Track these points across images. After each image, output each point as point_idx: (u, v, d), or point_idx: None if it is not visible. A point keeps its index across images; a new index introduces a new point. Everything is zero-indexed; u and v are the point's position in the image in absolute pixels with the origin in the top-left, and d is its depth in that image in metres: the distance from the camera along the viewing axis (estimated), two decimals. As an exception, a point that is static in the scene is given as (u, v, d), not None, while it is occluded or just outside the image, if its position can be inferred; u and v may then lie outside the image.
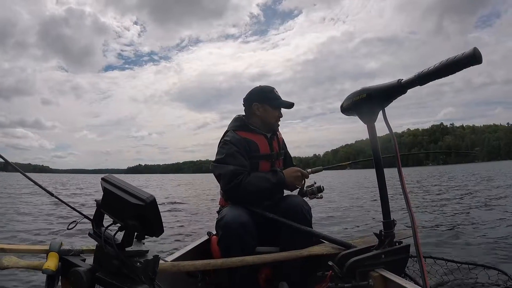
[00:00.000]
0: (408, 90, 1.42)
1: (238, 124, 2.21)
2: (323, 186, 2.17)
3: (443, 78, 1.27)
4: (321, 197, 2.17)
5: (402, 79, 1.40)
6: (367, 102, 1.54)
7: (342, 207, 8.83)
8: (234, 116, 2.30)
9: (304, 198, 2.17)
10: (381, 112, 1.47)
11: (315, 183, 2.19)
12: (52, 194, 1.45)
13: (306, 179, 2.19)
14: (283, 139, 2.40)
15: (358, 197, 12.01)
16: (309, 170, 2.20)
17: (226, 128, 2.24)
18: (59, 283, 1.02)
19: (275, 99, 2.21)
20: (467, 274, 2.33)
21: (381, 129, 1.60)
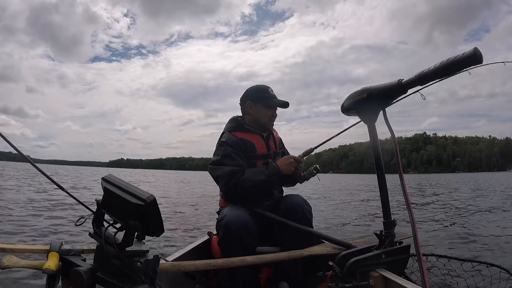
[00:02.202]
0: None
1: (234, 125, 2.20)
2: (319, 166, 2.17)
3: (444, 78, 1.27)
4: (320, 171, 2.17)
5: (403, 79, 1.40)
6: (367, 102, 1.54)
7: (342, 208, 8.84)
8: (220, 114, 2.30)
9: (305, 182, 2.18)
10: (381, 112, 1.47)
11: (315, 165, 2.18)
12: (62, 188, 1.45)
13: (300, 164, 2.17)
14: (281, 138, 2.39)
15: (355, 199, 12.04)
16: (300, 154, 2.17)
17: (212, 126, 2.26)
18: (60, 283, 1.02)
19: (268, 98, 2.18)
20: (469, 271, 2.32)
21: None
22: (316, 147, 2.23)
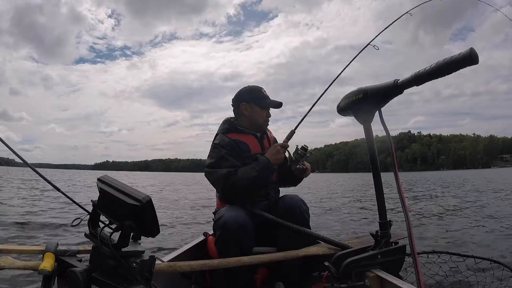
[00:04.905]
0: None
1: (227, 127, 2.20)
2: (305, 145, 2.07)
3: (439, 78, 1.27)
4: (307, 148, 2.07)
5: (399, 79, 1.40)
6: (363, 102, 1.54)
7: (337, 208, 8.87)
8: (205, 115, 2.28)
9: (299, 165, 2.10)
10: (377, 112, 1.47)
11: (297, 146, 2.09)
12: (58, 189, 1.45)
13: (288, 149, 2.10)
14: (275, 138, 2.37)
15: (349, 199, 12.08)
16: (284, 139, 2.13)
17: (197, 127, 2.24)
18: (55, 284, 1.02)
19: (263, 98, 2.19)
20: (472, 268, 2.29)
21: (359, 131, 1.62)
22: (296, 127, 2.17)
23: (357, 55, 2.20)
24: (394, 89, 1.43)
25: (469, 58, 1.12)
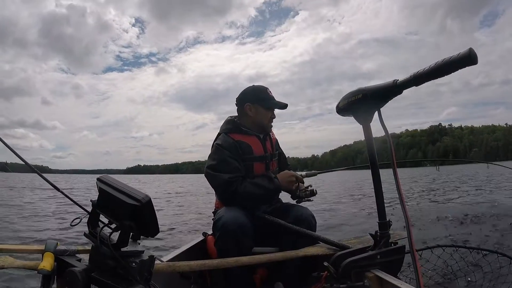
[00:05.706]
0: (404, 91, 1.42)
1: (230, 127, 2.18)
2: (316, 190, 2.15)
3: (439, 78, 1.28)
4: (315, 194, 2.15)
5: (398, 80, 1.40)
6: (362, 103, 1.54)
7: (338, 207, 8.85)
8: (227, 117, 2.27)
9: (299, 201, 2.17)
10: (376, 112, 1.47)
11: (310, 186, 2.16)
12: (58, 189, 1.45)
13: (300, 183, 2.16)
14: (277, 139, 2.37)
15: (355, 198, 12.04)
16: (303, 173, 2.17)
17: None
18: (55, 283, 1.02)
19: (268, 99, 2.16)
20: (478, 260, 2.26)
21: (378, 130, 1.60)
22: (320, 172, 2.25)
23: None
24: (393, 89, 1.42)
25: (468, 59, 1.12)
